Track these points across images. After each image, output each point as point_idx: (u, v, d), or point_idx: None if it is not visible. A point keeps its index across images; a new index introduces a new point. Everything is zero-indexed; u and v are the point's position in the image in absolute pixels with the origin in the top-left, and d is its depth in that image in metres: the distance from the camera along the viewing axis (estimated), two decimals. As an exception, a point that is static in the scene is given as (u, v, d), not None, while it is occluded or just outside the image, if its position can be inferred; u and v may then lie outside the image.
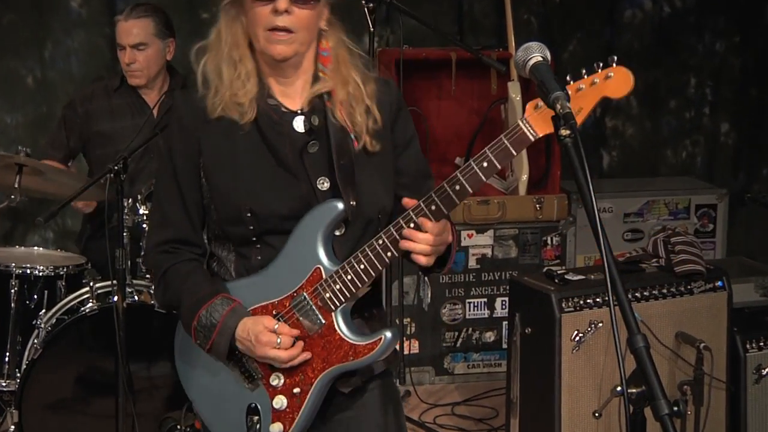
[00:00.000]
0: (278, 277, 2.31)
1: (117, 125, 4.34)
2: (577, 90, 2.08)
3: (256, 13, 2.25)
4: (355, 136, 2.32)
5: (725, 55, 5.87)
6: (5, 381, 3.78)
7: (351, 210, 2.28)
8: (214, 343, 2.30)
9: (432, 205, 2.19)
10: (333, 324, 2.29)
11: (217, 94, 2.30)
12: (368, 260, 2.24)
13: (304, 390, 2.32)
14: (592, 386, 3.58)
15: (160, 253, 2.40)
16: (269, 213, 2.28)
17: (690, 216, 5.33)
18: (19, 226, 5.00)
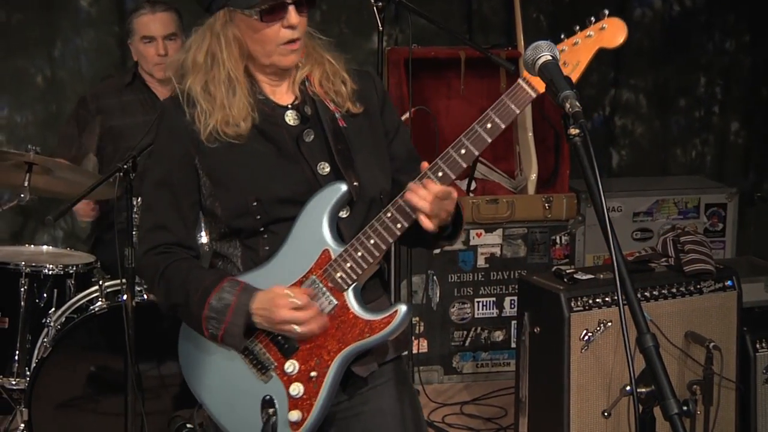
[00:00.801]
0: (286, 263, 2.30)
1: (129, 121, 4.35)
2: (573, 44, 2.16)
3: (266, 32, 2.26)
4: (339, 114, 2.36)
5: (735, 54, 5.86)
6: (15, 379, 3.79)
7: (354, 190, 2.29)
8: (230, 324, 2.27)
9: (439, 172, 2.21)
10: (346, 303, 2.28)
11: (208, 117, 2.30)
12: (378, 234, 2.25)
13: (321, 373, 2.29)
14: (601, 386, 3.58)
15: (154, 255, 2.37)
16: (274, 199, 2.29)
17: (699, 215, 5.32)
18: (28, 225, 5.01)
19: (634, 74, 5.72)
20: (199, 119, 2.30)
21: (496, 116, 2.19)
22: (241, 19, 2.28)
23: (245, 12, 2.26)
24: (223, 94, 2.30)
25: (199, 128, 2.29)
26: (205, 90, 2.31)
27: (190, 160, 2.33)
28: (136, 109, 4.39)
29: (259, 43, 2.28)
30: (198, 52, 2.35)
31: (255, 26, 2.26)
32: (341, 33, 5.19)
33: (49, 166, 3.84)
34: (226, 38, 2.32)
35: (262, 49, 2.29)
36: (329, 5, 5.15)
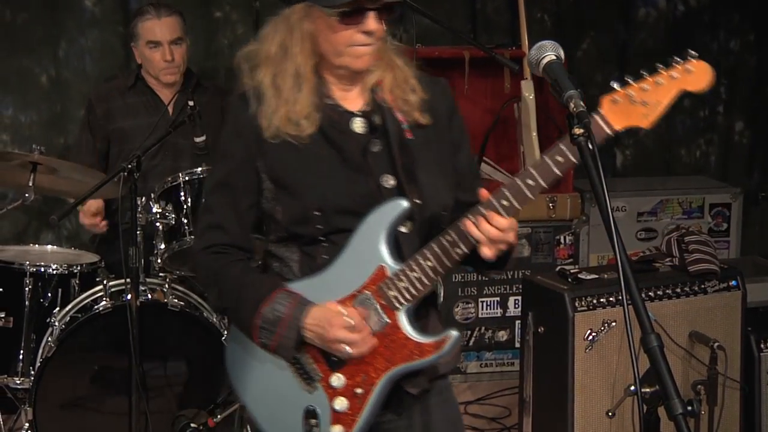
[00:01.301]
0: (340, 275, 2.27)
1: (133, 123, 4.36)
2: (656, 83, 2.07)
3: (342, 33, 2.20)
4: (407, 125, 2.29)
5: (740, 54, 5.85)
6: (19, 379, 3.79)
7: (416, 208, 2.25)
8: (282, 337, 2.25)
9: (503, 200, 2.14)
10: (397, 323, 2.24)
11: (272, 112, 2.26)
12: (436, 257, 2.19)
13: (366, 390, 2.26)
14: (605, 385, 3.58)
15: (209, 254, 2.35)
16: (337, 211, 2.25)
17: (704, 215, 5.31)
18: (33, 224, 5.02)
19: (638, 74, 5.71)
20: (264, 114, 2.26)
21: (567, 149, 2.10)
22: (318, 16, 2.21)
23: (325, 10, 2.19)
24: (289, 88, 2.25)
25: (263, 124, 2.26)
26: (273, 83, 2.27)
27: (252, 162, 2.29)
28: (140, 111, 4.40)
29: (332, 43, 2.22)
30: (271, 43, 2.28)
31: (332, 26, 2.20)
32: (345, 33, 5.18)
33: (53, 166, 3.85)
34: (301, 32, 2.24)
35: (333, 49, 2.23)
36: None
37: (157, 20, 4.29)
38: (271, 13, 5.44)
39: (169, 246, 3.82)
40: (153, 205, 3.80)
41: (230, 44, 5.14)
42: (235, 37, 5.14)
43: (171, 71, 4.34)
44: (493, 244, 2.15)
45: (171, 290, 3.79)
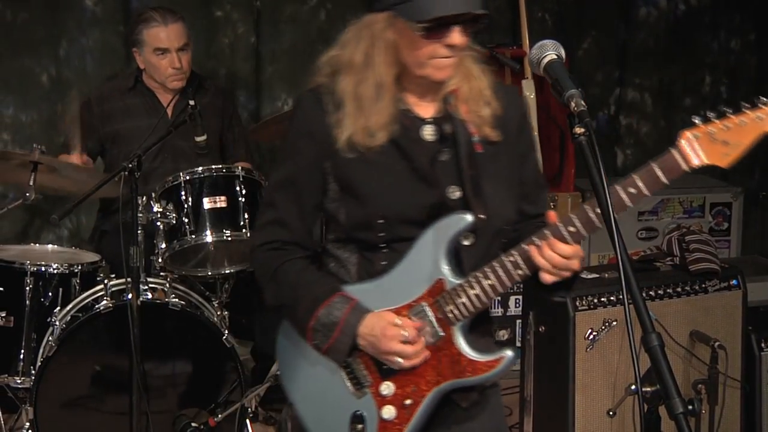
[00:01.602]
0: (398, 284, 2.25)
1: (132, 125, 4.36)
2: (739, 123, 2.00)
3: (425, 48, 2.15)
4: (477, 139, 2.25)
5: (741, 53, 5.85)
6: (20, 378, 3.79)
7: (480, 223, 2.21)
8: (336, 341, 2.24)
9: (570, 226, 2.11)
10: (452, 338, 2.22)
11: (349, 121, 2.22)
12: (496, 276, 2.17)
13: (416, 402, 2.25)
14: (606, 385, 3.58)
15: (269, 251, 2.33)
16: (401, 220, 2.23)
17: (705, 214, 5.31)
18: (33, 223, 5.02)
19: (639, 73, 5.72)
20: (340, 123, 2.23)
21: (640, 182, 2.08)
22: (402, 27, 2.16)
23: (408, 23, 2.14)
24: (370, 98, 2.21)
25: (338, 133, 2.22)
26: (355, 92, 2.23)
27: (321, 163, 2.27)
28: (139, 113, 4.40)
29: (415, 56, 2.17)
30: (354, 51, 2.26)
31: (414, 40, 2.15)
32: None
33: (54, 165, 3.85)
34: (384, 42, 2.21)
35: (415, 61, 2.18)
36: (334, 4, 5.15)
37: (164, 27, 4.27)
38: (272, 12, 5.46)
39: (169, 245, 3.83)
40: (154, 204, 3.80)
41: (231, 44, 5.14)
42: (236, 37, 5.14)
43: (178, 78, 4.33)
44: (556, 270, 2.14)
45: (172, 290, 3.80)
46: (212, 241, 3.84)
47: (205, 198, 3.84)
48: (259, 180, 3.99)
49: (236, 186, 3.88)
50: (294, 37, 5.18)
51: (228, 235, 3.84)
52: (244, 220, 3.85)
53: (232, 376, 3.76)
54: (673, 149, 2.06)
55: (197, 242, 3.83)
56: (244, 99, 5.19)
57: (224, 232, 3.84)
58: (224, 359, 3.76)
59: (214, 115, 4.44)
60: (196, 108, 3.70)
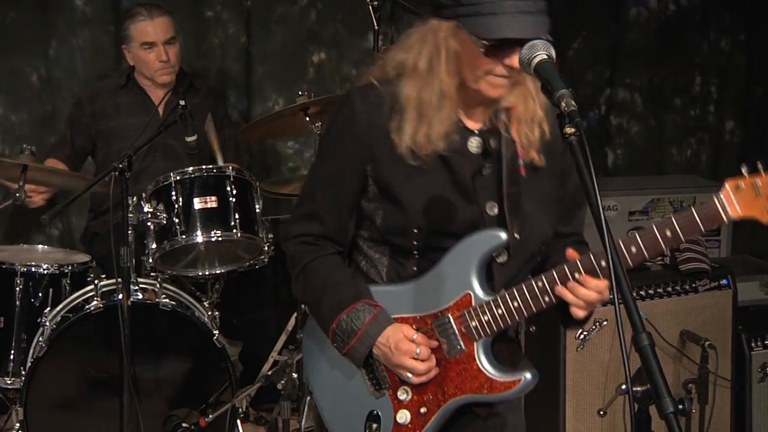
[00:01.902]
0: (426, 292, 2.26)
1: (123, 123, 4.36)
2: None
3: (485, 65, 2.13)
4: (523, 162, 2.24)
5: (731, 53, 5.86)
6: (10, 379, 3.78)
7: (513, 243, 2.21)
8: (352, 348, 2.27)
9: (603, 261, 2.10)
10: (473, 353, 2.23)
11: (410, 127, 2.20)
12: (523, 299, 2.18)
13: (431, 410, 2.27)
14: (596, 384, 3.58)
15: (301, 244, 2.35)
16: (436, 231, 2.23)
17: (695, 214, 5.31)
18: (23, 224, 5.00)
19: (629, 73, 5.72)
20: (399, 129, 2.21)
21: (678, 226, 2.08)
22: (465, 40, 2.14)
23: (472, 38, 2.11)
24: (433, 106, 2.19)
25: (395, 139, 2.21)
26: (419, 98, 2.21)
27: (364, 165, 2.27)
28: (130, 111, 4.39)
29: (473, 70, 2.15)
30: (420, 57, 2.22)
31: (475, 55, 2.12)
32: (337, 32, 5.18)
33: (42, 169, 3.84)
34: (447, 52, 2.18)
35: (472, 74, 2.16)
36: (324, 4, 5.15)
37: (150, 21, 4.28)
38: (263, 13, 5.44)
39: (160, 246, 3.82)
40: (144, 204, 3.79)
41: (221, 44, 5.13)
42: (227, 37, 5.13)
43: (167, 71, 4.33)
44: (587, 305, 2.15)
45: (162, 290, 3.79)
46: (203, 241, 3.83)
47: (195, 198, 3.83)
48: (249, 180, 3.98)
49: (227, 186, 3.88)
50: (284, 37, 5.17)
51: (218, 236, 3.83)
52: (235, 220, 3.85)
53: (223, 377, 3.76)
54: (716, 198, 2.04)
55: (188, 242, 3.82)
56: (234, 99, 5.18)
57: (215, 233, 3.83)
58: (215, 360, 3.75)
59: (204, 115, 4.43)
60: (186, 108, 3.69)
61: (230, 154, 4.58)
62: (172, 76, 4.36)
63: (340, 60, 5.23)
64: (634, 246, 2.12)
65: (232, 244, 3.97)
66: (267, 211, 4.22)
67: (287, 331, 4.37)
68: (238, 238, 3.87)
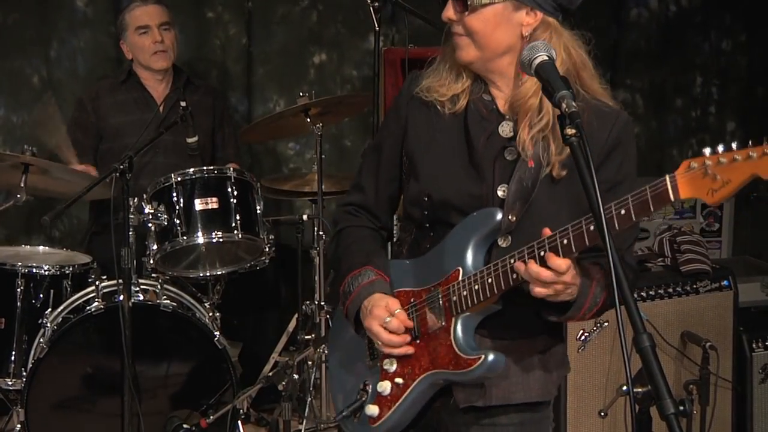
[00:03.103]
0: (426, 267, 2.30)
1: (124, 119, 4.37)
2: (732, 160, 1.84)
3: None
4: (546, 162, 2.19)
5: (732, 54, 5.86)
6: (11, 380, 3.78)
7: (507, 224, 2.17)
8: (347, 309, 2.35)
9: (564, 239, 2.03)
10: (450, 328, 2.23)
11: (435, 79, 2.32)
12: (496, 276, 2.14)
13: (406, 384, 2.29)
14: (597, 385, 3.58)
15: (344, 213, 2.48)
16: (442, 202, 2.26)
17: (696, 215, 5.31)
18: (25, 225, 5.01)
19: (630, 74, 5.72)
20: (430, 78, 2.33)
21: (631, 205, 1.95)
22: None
23: None
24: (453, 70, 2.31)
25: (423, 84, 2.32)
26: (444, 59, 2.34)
27: (400, 137, 2.36)
28: (131, 108, 4.40)
29: None
30: None
31: None
32: (338, 33, 5.19)
33: (45, 167, 3.84)
34: None
35: None
36: (325, 5, 5.15)
37: (144, 6, 4.40)
38: (264, 13, 5.45)
39: (161, 247, 3.82)
40: (145, 205, 3.79)
41: (222, 45, 5.14)
42: (228, 38, 5.14)
43: (162, 56, 4.37)
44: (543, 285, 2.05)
45: (163, 291, 3.79)
46: (204, 242, 3.83)
47: (196, 199, 3.84)
48: (250, 181, 3.98)
49: (228, 187, 3.88)
50: (286, 38, 5.18)
51: (219, 237, 3.84)
52: (236, 221, 3.85)
53: (224, 378, 3.76)
54: (668, 177, 1.95)
55: (189, 243, 3.82)
56: (235, 100, 5.18)
57: (216, 234, 3.83)
58: (216, 361, 3.75)
59: (204, 114, 4.44)
60: (187, 109, 3.70)
61: (231, 152, 4.59)
62: (168, 62, 4.39)
63: (341, 61, 5.23)
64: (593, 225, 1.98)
65: (233, 245, 3.97)
66: (268, 212, 4.23)
67: (288, 332, 4.37)
68: (239, 239, 3.87)
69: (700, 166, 1.88)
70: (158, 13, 4.41)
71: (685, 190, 1.91)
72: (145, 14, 4.38)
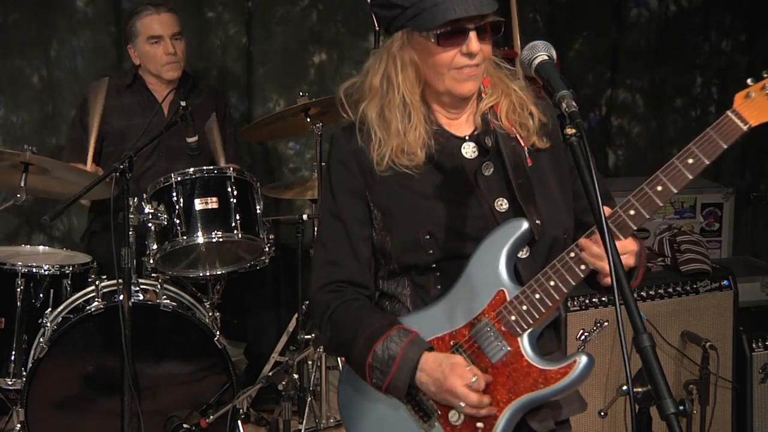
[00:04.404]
0: (457, 304, 2.15)
1: (129, 123, 4.37)
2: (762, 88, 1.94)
3: (442, 56, 2.10)
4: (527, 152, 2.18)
5: (731, 54, 5.86)
6: (11, 380, 3.79)
7: (536, 229, 2.12)
8: (393, 377, 2.13)
9: (630, 210, 2.03)
10: (519, 349, 2.11)
11: (383, 145, 2.17)
12: (559, 276, 2.07)
13: (489, 425, 2.12)
14: (597, 385, 3.58)
15: (326, 293, 2.25)
16: (449, 233, 2.14)
17: (696, 215, 5.31)
18: (24, 225, 5.01)
19: (630, 74, 5.73)
20: (373, 148, 2.18)
21: (699, 151, 2.00)
22: (418, 42, 2.12)
23: (423, 34, 2.09)
24: (398, 119, 2.16)
25: (373, 157, 2.17)
26: (381, 116, 2.18)
27: (362, 194, 2.22)
28: (136, 111, 4.40)
29: (433, 68, 2.13)
30: (375, 75, 2.19)
31: (431, 50, 2.11)
32: (338, 33, 5.19)
33: (45, 166, 3.84)
34: (402, 61, 2.16)
35: (435, 75, 2.14)
36: (325, 5, 5.15)
37: (156, 15, 4.35)
38: (264, 13, 5.46)
39: (161, 246, 3.82)
40: (145, 205, 3.79)
41: (222, 44, 5.14)
42: (228, 38, 5.14)
43: (173, 66, 4.36)
44: None
45: (163, 291, 3.79)
46: (204, 242, 3.83)
47: (196, 199, 3.84)
48: (250, 181, 3.98)
49: (228, 187, 3.88)
50: (285, 38, 5.18)
51: (219, 236, 3.84)
52: (236, 221, 3.85)
53: (224, 378, 3.76)
54: (730, 112, 1.99)
55: (188, 243, 3.82)
56: (235, 100, 5.18)
57: (216, 234, 3.83)
58: (216, 360, 3.75)
59: (207, 117, 4.44)
60: (187, 109, 3.70)
61: (230, 153, 4.59)
62: (179, 72, 4.39)
63: (341, 61, 5.23)
64: (660, 185, 2.02)
65: (232, 245, 3.97)
66: (268, 212, 4.23)
67: (288, 332, 4.37)
68: (238, 239, 3.87)
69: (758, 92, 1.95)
70: (171, 23, 4.37)
71: (752, 117, 1.98)
72: (158, 24, 4.33)
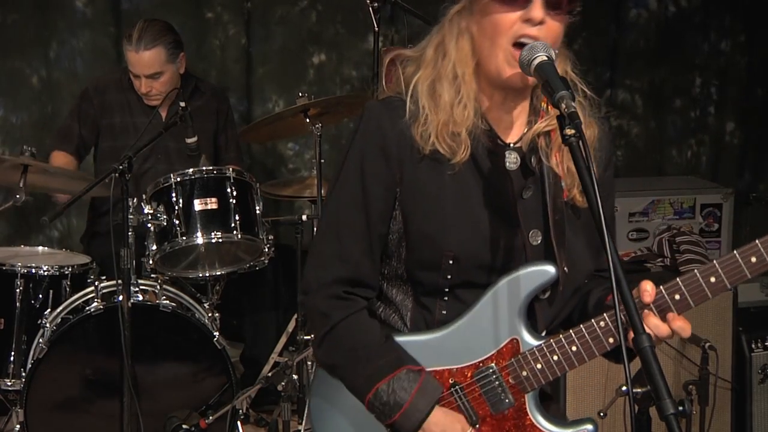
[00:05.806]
0: (463, 339, 2.00)
1: (128, 120, 4.36)
2: None
3: (499, 20, 1.91)
4: (566, 187, 2.01)
5: (731, 55, 5.86)
6: (10, 380, 3.78)
7: (563, 277, 1.97)
8: (396, 423, 1.99)
9: (676, 294, 1.91)
10: (524, 406, 2.01)
11: (428, 121, 1.97)
12: (584, 343, 1.95)
13: None
14: (597, 386, 3.58)
15: (329, 298, 2.04)
16: (474, 263, 1.97)
17: (695, 215, 5.31)
18: (24, 225, 5.01)
19: (629, 75, 5.73)
20: (419, 123, 1.97)
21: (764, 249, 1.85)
22: (479, 7, 1.95)
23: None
24: (448, 93, 1.97)
25: (416, 134, 1.96)
26: (432, 88, 2.00)
27: (393, 189, 2.00)
28: (135, 109, 4.40)
29: (490, 36, 1.92)
30: (430, 45, 2.02)
31: (490, 9, 1.92)
32: (337, 33, 5.19)
33: (44, 168, 3.84)
34: (459, 28, 1.98)
35: (490, 46, 1.93)
36: (324, 5, 5.15)
37: (135, 54, 4.22)
38: (263, 14, 5.45)
39: (160, 247, 3.82)
40: (145, 206, 3.79)
41: (222, 45, 5.14)
42: (227, 38, 5.14)
43: (150, 99, 4.34)
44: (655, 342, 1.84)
45: (162, 291, 3.79)
46: (203, 242, 3.83)
47: (195, 200, 3.83)
48: (249, 182, 3.98)
49: (227, 188, 3.88)
50: (285, 38, 5.18)
51: (219, 237, 3.83)
52: (235, 221, 3.85)
53: (223, 378, 3.76)
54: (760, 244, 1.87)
55: (188, 244, 3.82)
56: (234, 100, 5.18)
57: (215, 234, 3.83)
58: (215, 361, 3.75)
59: (208, 118, 4.44)
60: (186, 110, 3.70)
61: (232, 155, 4.59)
62: (158, 102, 4.32)
63: (341, 61, 5.23)
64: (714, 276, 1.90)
65: (232, 246, 3.97)
66: (267, 213, 4.23)
67: (288, 332, 4.37)
68: (238, 240, 3.87)
69: None
70: (148, 63, 4.21)
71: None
72: (136, 62, 4.22)
